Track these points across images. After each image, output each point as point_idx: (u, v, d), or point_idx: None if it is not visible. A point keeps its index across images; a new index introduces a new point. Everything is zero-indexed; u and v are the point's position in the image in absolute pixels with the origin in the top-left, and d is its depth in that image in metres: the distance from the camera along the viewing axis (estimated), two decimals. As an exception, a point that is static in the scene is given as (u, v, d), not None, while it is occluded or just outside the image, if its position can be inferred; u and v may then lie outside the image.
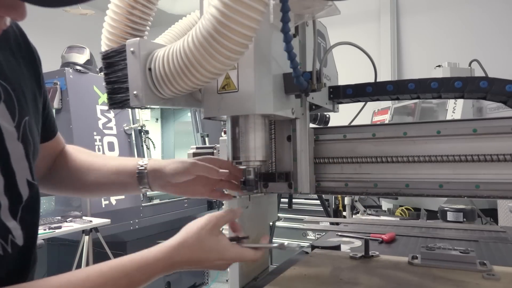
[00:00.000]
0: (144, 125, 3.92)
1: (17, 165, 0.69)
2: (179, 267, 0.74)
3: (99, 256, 3.08)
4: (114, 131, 3.69)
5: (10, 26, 0.77)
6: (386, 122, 3.67)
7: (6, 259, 0.65)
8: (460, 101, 2.93)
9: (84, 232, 3.01)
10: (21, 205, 0.70)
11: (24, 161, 0.71)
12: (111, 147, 3.64)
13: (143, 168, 0.95)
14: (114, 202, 3.49)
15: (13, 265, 0.66)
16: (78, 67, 3.50)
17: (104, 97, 3.48)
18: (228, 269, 1.10)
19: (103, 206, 3.39)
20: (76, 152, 1.03)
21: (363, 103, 1.22)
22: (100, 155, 1.05)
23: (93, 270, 0.67)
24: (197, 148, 1.40)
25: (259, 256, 0.83)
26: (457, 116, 2.92)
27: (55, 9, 0.50)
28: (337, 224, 2.02)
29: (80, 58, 3.60)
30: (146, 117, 4.11)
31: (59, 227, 2.83)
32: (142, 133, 3.89)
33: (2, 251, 0.64)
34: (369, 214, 3.19)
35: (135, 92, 0.78)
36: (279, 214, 3.65)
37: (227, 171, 0.98)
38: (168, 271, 0.73)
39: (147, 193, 3.83)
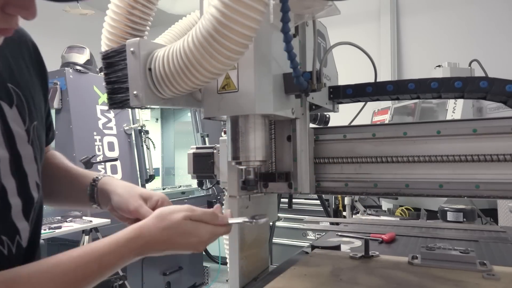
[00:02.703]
0: (144, 125, 3.92)
1: (28, 167, 0.70)
2: (152, 248, 0.72)
3: (99, 256, 3.08)
4: (114, 131, 3.69)
5: (24, 38, 0.79)
6: (386, 122, 3.67)
7: (9, 260, 0.65)
8: (460, 101, 2.93)
9: (84, 232, 3.00)
10: (33, 207, 0.71)
11: (34, 163, 0.72)
12: (111, 147, 3.64)
13: (95, 184, 0.90)
14: (114, 202, 3.48)
15: (16, 266, 0.66)
16: (78, 67, 3.50)
17: (104, 97, 3.48)
18: (228, 269, 1.11)
19: (103, 206, 3.39)
20: (50, 159, 0.96)
21: (363, 103, 1.22)
22: (67, 165, 0.96)
23: (64, 255, 0.66)
24: (197, 148, 1.40)
25: (229, 230, 0.82)
26: (457, 116, 2.92)
27: (55, 9, 0.50)
28: (337, 224, 2.02)
29: (80, 58, 3.60)
30: (146, 117, 4.11)
31: (59, 227, 2.83)
32: (142, 133, 3.89)
33: (7, 251, 0.65)
34: (369, 214, 3.19)
35: (135, 92, 0.78)
36: (279, 214, 3.65)
37: None
38: (141, 252, 0.71)
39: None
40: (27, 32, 0.81)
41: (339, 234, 1.66)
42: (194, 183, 1.51)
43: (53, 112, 3.37)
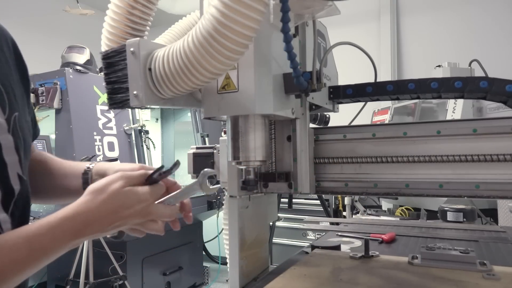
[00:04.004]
0: (144, 125, 3.92)
1: (8, 157, 0.69)
2: (94, 226, 0.66)
3: (99, 256, 3.08)
4: (114, 131, 3.69)
5: (3, 33, 0.78)
6: (386, 122, 3.67)
7: None
8: (460, 101, 2.93)
9: (84, 232, 3.00)
10: (13, 199, 0.69)
11: (14, 154, 0.71)
12: (111, 147, 3.64)
13: (89, 170, 0.88)
14: (114, 202, 3.48)
15: None
16: (78, 67, 3.50)
17: (104, 97, 3.47)
18: (228, 269, 1.11)
19: (103, 206, 3.38)
20: (37, 157, 0.95)
21: (363, 103, 1.22)
22: (58, 160, 0.95)
23: None
24: (197, 148, 1.40)
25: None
26: (457, 116, 2.92)
27: (55, 9, 0.49)
28: (337, 224, 2.02)
29: (80, 58, 3.60)
30: (146, 117, 4.10)
31: (59, 227, 2.83)
32: (142, 133, 3.89)
33: None
34: (369, 214, 3.19)
35: (135, 92, 0.78)
36: (279, 214, 3.65)
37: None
38: (80, 233, 0.65)
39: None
40: (5, 29, 0.80)
41: (339, 234, 1.66)
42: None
43: (53, 112, 3.40)
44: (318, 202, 3.73)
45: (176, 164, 0.76)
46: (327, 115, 1.41)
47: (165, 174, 0.75)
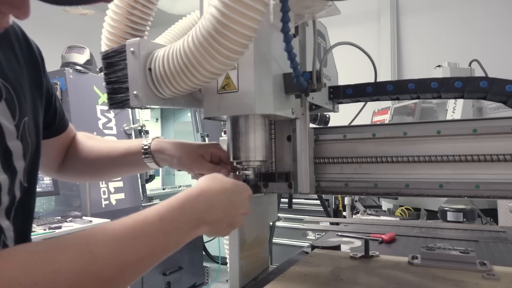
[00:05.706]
0: (144, 125, 3.92)
1: (17, 164, 0.68)
2: (211, 216, 0.69)
3: (99, 256, 3.08)
4: (114, 131, 3.69)
5: (11, 26, 0.77)
6: (386, 122, 3.67)
7: None
8: (460, 101, 2.93)
9: (84, 232, 3.00)
10: (13, 206, 0.69)
11: (22, 161, 0.70)
12: (111, 147, 3.65)
13: (147, 148, 1.00)
14: (114, 202, 3.49)
15: None
16: (78, 67, 3.49)
17: (104, 97, 3.47)
18: (228, 269, 1.11)
19: (103, 206, 3.39)
20: (86, 139, 1.07)
21: (363, 103, 1.22)
22: (108, 140, 1.10)
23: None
24: (197, 148, 1.40)
25: None
26: (457, 116, 2.92)
27: (55, 9, 0.49)
28: (337, 224, 2.02)
29: (80, 58, 3.60)
30: (146, 117, 4.11)
31: (59, 227, 2.83)
32: (142, 133, 3.89)
33: None
34: (369, 214, 3.19)
35: (135, 92, 0.78)
36: (279, 214, 3.65)
37: (229, 168, 1.02)
38: (198, 222, 0.67)
39: (147, 193, 3.83)
40: (14, 21, 0.78)
41: (339, 234, 1.66)
42: (194, 183, 1.50)
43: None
44: (318, 202, 3.73)
45: None
46: (327, 115, 1.40)
47: None
